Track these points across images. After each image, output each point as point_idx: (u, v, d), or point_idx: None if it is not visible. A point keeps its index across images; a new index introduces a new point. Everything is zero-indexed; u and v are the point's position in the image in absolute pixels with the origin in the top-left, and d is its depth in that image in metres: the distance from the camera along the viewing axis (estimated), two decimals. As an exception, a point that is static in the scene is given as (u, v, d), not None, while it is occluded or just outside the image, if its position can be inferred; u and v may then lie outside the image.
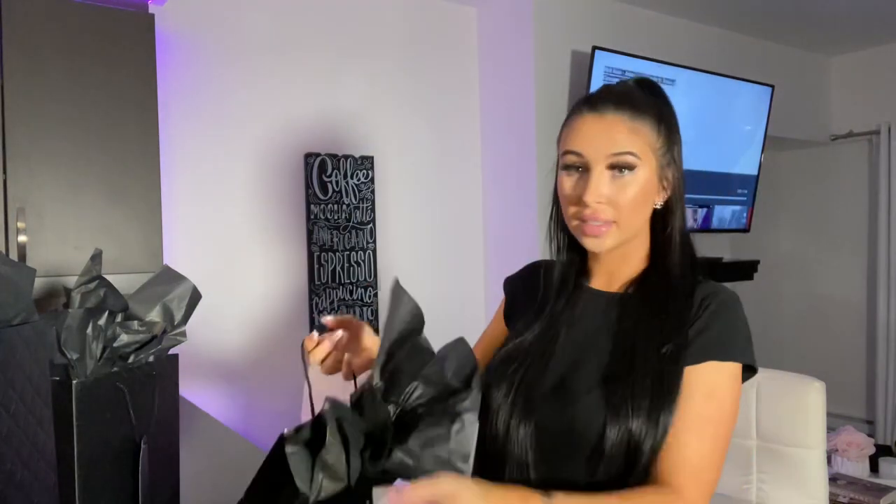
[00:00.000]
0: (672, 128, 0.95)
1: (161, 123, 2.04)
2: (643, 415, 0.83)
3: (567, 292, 1.01)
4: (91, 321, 0.84)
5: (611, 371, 0.88)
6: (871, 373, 4.20)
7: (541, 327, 0.99)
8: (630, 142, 0.90)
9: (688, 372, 0.87)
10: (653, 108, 0.94)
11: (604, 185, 0.90)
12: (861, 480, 2.70)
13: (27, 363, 0.68)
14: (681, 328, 0.89)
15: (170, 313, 0.95)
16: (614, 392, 0.85)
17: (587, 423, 0.85)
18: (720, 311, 0.90)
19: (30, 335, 0.69)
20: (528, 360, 0.95)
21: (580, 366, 0.92)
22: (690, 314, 0.90)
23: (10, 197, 1.78)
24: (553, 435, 0.89)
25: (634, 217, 0.92)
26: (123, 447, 0.87)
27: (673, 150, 0.95)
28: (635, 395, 0.84)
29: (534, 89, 2.95)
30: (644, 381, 0.85)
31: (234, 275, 2.58)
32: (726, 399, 0.88)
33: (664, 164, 0.94)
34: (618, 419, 0.84)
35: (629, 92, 0.96)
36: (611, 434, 0.83)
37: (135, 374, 0.89)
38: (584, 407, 0.87)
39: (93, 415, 0.82)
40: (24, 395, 0.68)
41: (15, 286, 0.69)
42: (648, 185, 0.92)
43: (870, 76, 4.19)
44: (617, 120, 0.91)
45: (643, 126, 0.91)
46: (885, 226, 4.04)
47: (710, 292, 0.93)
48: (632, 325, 0.92)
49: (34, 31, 1.81)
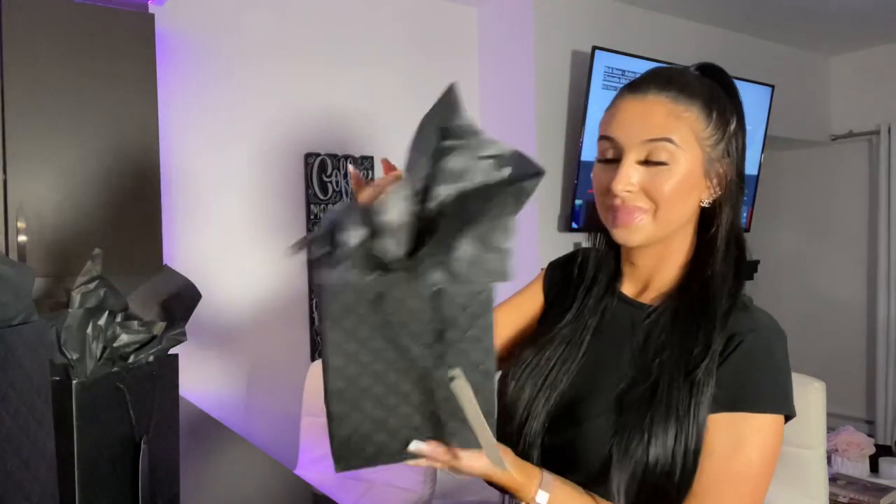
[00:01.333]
0: (727, 117, 0.84)
1: (161, 123, 2.04)
2: (658, 447, 0.75)
3: (596, 297, 0.91)
4: (91, 321, 0.85)
5: (627, 396, 0.80)
6: (871, 373, 4.20)
7: (569, 330, 0.90)
8: (669, 126, 0.79)
9: (713, 421, 0.77)
10: (704, 92, 0.83)
11: (635, 173, 0.80)
12: (861, 480, 2.70)
13: (27, 363, 0.68)
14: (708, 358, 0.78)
15: (170, 313, 0.95)
16: (627, 418, 0.77)
17: (590, 446, 0.79)
18: (757, 352, 0.79)
19: (30, 335, 0.69)
20: (552, 363, 0.88)
21: (597, 381, 0.85)
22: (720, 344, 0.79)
23: (10, 197, 1.78)
24: (559, 450, 0.83)
25: (673, 209, 0.81)
26: (123, 447, 0.87)
27: (729, 142, 0.83)
28: (652, 425, 0.76)
29: (534, 89, 2.95)
30: (661, 409, 0.76)
31: (234, 275, 2.58)
32: (755, 455, 0.76)
33: (714, 157, 0.82)
34: (627, 442, 0.76)
35: (679, 74, 0.85)
36: (617, 455, 0.76)
37: (135, 374, 0.89)
38: (592, 428, 0.80)
39: (93, 415, 0.82)
40: (24, 395, 0.68)
41: (15, 286, 0.69)
42: (691, 178, 0.81)
43: (870, 76, 4.19)
44: (657, 102, 0.80)
45: (688, 110, 0.80)
46: (885, 226, 4.04)
47: (748, 326, 0.80)
48: (658, 348, 0.82)
49: (34, 31, 1.81)
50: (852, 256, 4.33)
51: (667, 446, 0.75)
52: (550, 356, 0.89)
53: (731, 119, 0.84)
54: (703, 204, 0.84)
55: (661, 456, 0.75)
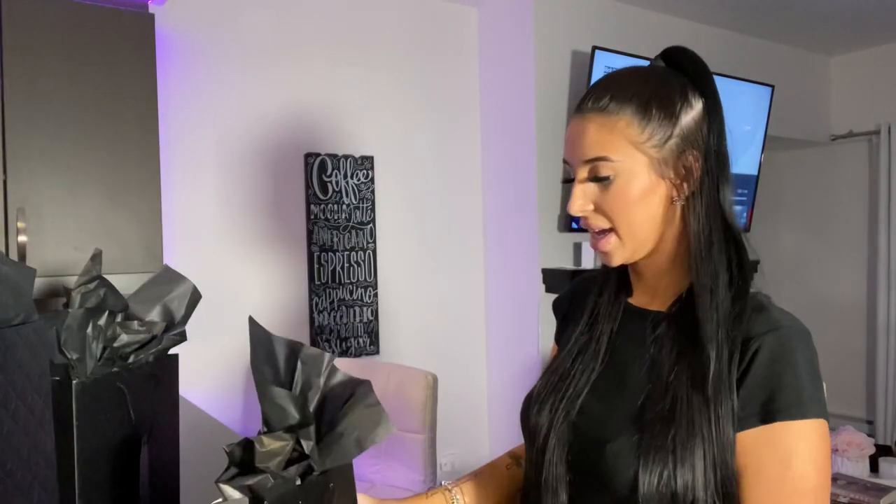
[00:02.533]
0: (675, 109, 0.78)
1: (161, 123, 2.04)
2: (687, 472, 0.71)
3: (607, 308, 0.89)
4: (91, 321, 0.84)
5: (647, 413, 0.76)
6: (871, 373, 4.20)
7: (580, 346, 0.88)
8: (599, 144, 0.78)
9: (751, 438, 0.72)
10: (640, 91, 0.78)
11: (583, 196, 0.80)
12: (861, 480, 2.70)
13: (27, 363, 0.68)
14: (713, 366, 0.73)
15: (170, 313, 0.95)
16: (650, 438, 0.73)
17: (615, 470, 0.75)
18: (781, 354, 0.73)
19: (30, 335, 0.69)
20: (568, 382, 0.85)
21: (615, 398, 0.82)
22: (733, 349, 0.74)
23: (10, 197, 1.78)
24: (583, 474, 0.80)
25: (635, 222, 0.78)
26: (123, 447, 0.87)
27: (687, 132, 0.78)
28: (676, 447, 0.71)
29: (534, 89, 2.95)
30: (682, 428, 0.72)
31: (235, 275, 2.58)
32: (808, 466, 0.70)
33: (666, 155, 0.78)
34: (652, 465, 0.72)
35: (620, 76, 0.82)
36: (643, 479, 0.72)
37: (135, 374, 0.89)
38: (616, 450, 0.76)
39: (93, 415, 0.82)
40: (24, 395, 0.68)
41: (15, 286, 0.69)
42: (642, 185, 0.77)
43: (870, 76, 4.19)
44: (590, 119, 0.79)
45: (621, 118, 0.77)
46: (885, 226, 4.04)
47: (766, 327, 0.74)
48: (672, 359, 0.78)
49: (34, 31, 1.81)
50: (852, 256, 4.33)
51: (696, 469, 0.70)
52: (568, 369, 0.87)
53: (681, 112, 0.78)
54: (677, 202, 0.79)
55: (691, 481, 0.70)
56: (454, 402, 2.99)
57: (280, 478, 0.62)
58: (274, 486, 0.62)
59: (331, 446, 0.66)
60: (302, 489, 0.64)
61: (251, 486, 0.61)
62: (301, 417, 0.66)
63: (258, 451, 0.62)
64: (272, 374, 0.67)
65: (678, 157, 0.78)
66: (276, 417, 0.65)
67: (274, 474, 0.62)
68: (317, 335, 2.74)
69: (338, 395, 0.68)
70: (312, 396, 0.67)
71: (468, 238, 3.22)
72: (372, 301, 2.88)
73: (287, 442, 0.63)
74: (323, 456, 0.65)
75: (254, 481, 0.61)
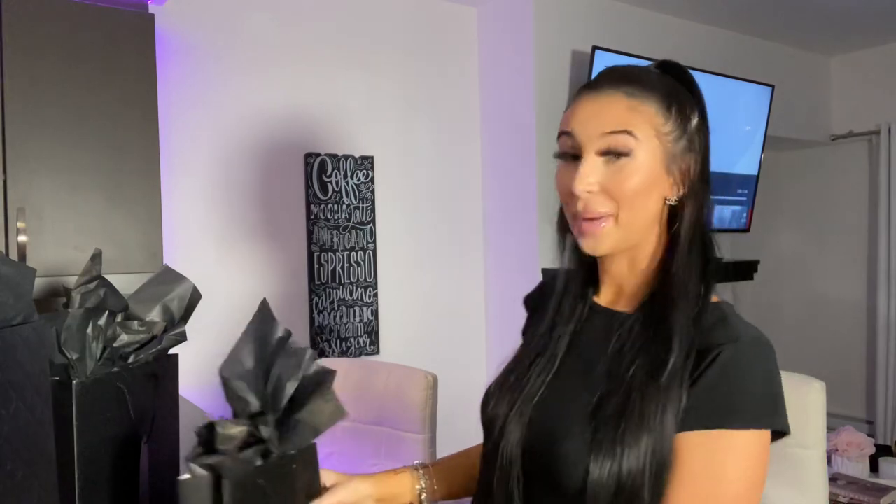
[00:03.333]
0: (687, 113, 0.81)
1: (161, 123, 2.04)
2: (630, 460, 0.72)
3: (569, 305, 0.89)
4: (91, 321, 0.85)
5: (601, 411, 0.76)
6: (871, 373, 4.20)
7: (542, 342, 0.89)
8: (626, 119, 0.77)
9: (688, 438, 0.73)
10: (662, 88, 0.80)
11: (595, 172, 0.78)
12: (861, 480, 2.70)
13: (27, 363, 0.68)
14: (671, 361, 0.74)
15: (170, 313, 0.95)
16: (604, 434, 0.74)
17: (568, 468, 0.75)
18: (736, 364, 0.73)
19: (30, 335, 0.69)
20: (525, 380, 0.86)
21: (572, 395, 0.82)
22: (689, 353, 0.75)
23: (10, 197, 1.78)
24: (538, 463, 0.80)
25: (636, 210, 0.78)
26: (123, 447, 0.87)
27: (692, 138, 0.81)
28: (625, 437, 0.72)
29: (534, 89, 2.95)
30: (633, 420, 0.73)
31: (235, 275, 2.58)
32: (735, 476, 0.71)
33: (676, 152, 0.79)
34: (602, 459, 0.72)
35: (635, 69, 0.84)
36: (594, 473, 0.72)
37: (135, 374, 0.89)
38: (569, 450, 0.76)
39: (93, 415, 0.82)
40: (24, 395, 0.68)
41: (15, 286, 0.69)
42: (653, 174, 0.78)
43: (870, 76, 4.19)
44: (614, 97, 0.79)
45: (645, 104, 0.78)
46: (885, 226, 4.04)
47: (726, 338, 0.75)
48: (631, 357, 0.79)
49: (34, 31, 1.81)
50: (852, 256, 4.33)
51: (640, 458, 0.71)
52: (527, 367, 0.88)
53: (691, 115, 0.81)
54: (669, 202, 0.81)
55: (634, 468, 0.71)
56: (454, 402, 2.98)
57: (238, 459, 0.68)
58: (233, 466, 0.68)
59: (290, 432, 0.72)
60: (262, 469, 0.71)
61: (212, 464, 0.67)
62: (261, 405, 0.72)
63: (218, 434, 0.68)
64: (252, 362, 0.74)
65: (682, 157, 0.80)
66: (239, 408, 0.71)
67: (232, 456, 0.68)
68: (317, 335, 2.74)
69: (306, 386, 0.75)
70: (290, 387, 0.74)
71: (468, 238, 3.22)
72: (372, 301, 2.88)
73: (244, 427, 0.69)
74: (282, 441, 0.72)
75: (214, 461, 0.67)
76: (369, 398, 1.78)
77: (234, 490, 0.67)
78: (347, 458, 1.82)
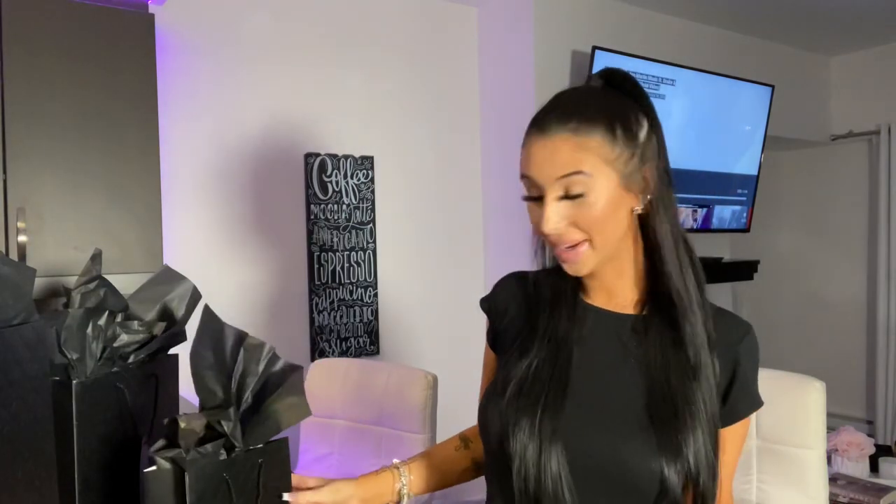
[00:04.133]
0: (633, 126, 0.83)
1: (161, 123, 2.04)
2: (695, 457, 0.80)
3: (567, 309, 0.91)
4: (91, 321, 0.85)
5: (656, 411, 0.82)
6: (871, 373, 4.20)
7: (549, 349, 0.88)
8: (575, 161, 0.80)
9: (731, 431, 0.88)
10: (605, 113, 0.82)
11: (559, 213, 0.82)
12: (861, 480, 2.70)
13: (27, 363, 0.68)
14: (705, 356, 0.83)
15: (170, 313, 0.95)
16: (667, 435, 0.80)
17: (641, 466, 0.80)
18: (751, 360, 0.88)
19: (30, 335, 0.69)
20: (546, 387, 0.85)
21: (611, 398, 0.84)
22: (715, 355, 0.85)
23: (10, 197, 1.78)
24: (598, 476, 0.82)
25: (607, 232, 0.83)
26: (123, 447, 0.87)
27: (643, 148, 0.83)
28: (687, 439, 0.80)
29: (534, 89, 2.95)
30: (690, 422, 0.81)
31: (234, 275, 2.58)
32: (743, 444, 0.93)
33: (630, 170, 0.82)
34: (675, 462, 0.79)
35: (577, 99, 0.85)
36: (671, 476, 0.79)
37: (135, 374, 0.89)
38: (637, 447, 0.80)
39: (93, 415, 0.82)
40: (24, 395, 0.68)
41: (15, 286, 0.69)
42: (613, 198, 0.82)
43: (870, 76, 4.19)
44: (561, 139, 0.81)
45: (592, 138, 0.81)
46: (885, 226, 4.04)
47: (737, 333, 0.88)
48: (659, 357, 0.85)
49: (34, 31, 1.81)
50: (852, 256, 4.33)
51: (701, 457, 0.80)
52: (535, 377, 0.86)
53: (637, 128, 0.84)
54: (637, 211, 0.85)
55: (703, 466, 0.80)
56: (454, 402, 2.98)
57: (198, 452, 0.72)
58: (193, 460, 0.71)
59: (255, 427, 0.75)
60: (227, 463, 0.73)
61: (172, 457, 0.71)
62: (224, 400, 0.75)
63: (179, 429, 0.71)
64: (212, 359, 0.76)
65: (639, 170, 0.84)
66: (205, 398, 0.75)
67: (192, 449, 0.71)
68: (317, 335, 2.74)
69: (273, 382, 0.77)
70: (251, 382, 0.76)
71: (468, 238, 3.22)
72: (372, 301, 2.88)
73: (203, 422, 0.72)
74: (247, 435, 0.74)
75: (174, 454, 0.71)
76: (369, 398, 1.78)
77: (196, 482, 0.70)
78: (347, 458, 1.82)
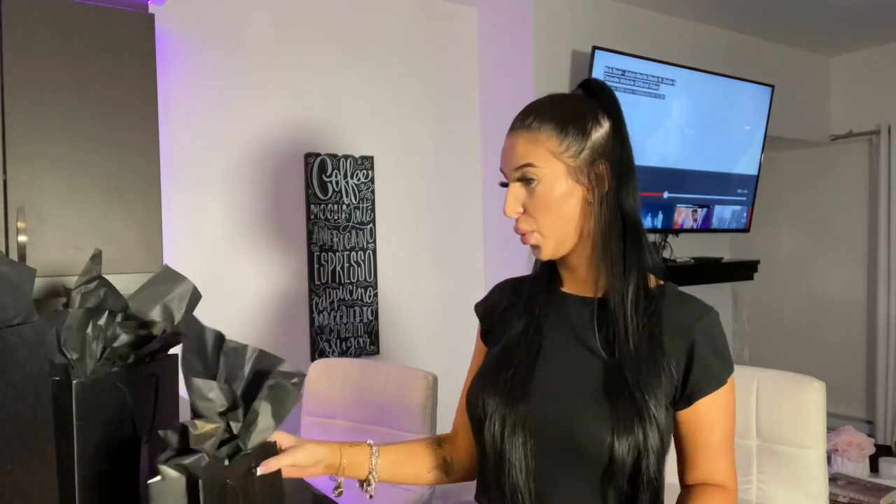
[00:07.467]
0: (588, 127, 0.93)
1: (161, 123, 2.04)
2: (647, 426, 0.86)
3: (542, 294, 1.01)
4: (91, 321, 0.84)
5: (611, 384, 0.90)
6: (871, 373, 4.20)
7: (522, 326, 1.00)
8: (526, 153, 0.93)
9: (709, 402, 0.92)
10: (560, 113, 0.94)
11: (516, 199, 0.95)
12: (861, 480, 2.70)
13: (27, 363, 0.68)
14: (652, 333, 0.91)
15: (170, 313, 0.95)
16: (619, 407, 0.87)
17: (593, 436, 0.87)
18: (715, 334, 0.94)
19: (30, 335, 0.69)
20: (516, 360, 0.96)
21: (574, 374, 0.93)
22: (669, 326, 0.92)
23: (10, 197, 1.78)
24: (554, 443, 0.90)
25: (554, 221, 0.94)
26: (123, 447, 0.87)
27: (597, 146, 0.93)
28: (639, 409, 0.87)
29: (534, 89, 2.95)
30: (641, 393, 0.88)
31: (235, 275, 2.58)
32: (733, 407, 0.97)
33: (580, 165, 0.92)
34: (626, 434, 0.86)
35: (542, 102, 0.98)
36: (620, 448, 0.86)
37: (135, 374, 0.89)
38: (590, 420, 0.88)
39: (93, 415, 0.82)
40: (24, 395, 0.68)
41: (15, 286, 0.69)
42: (559, 188, 0.93)
43: (870, 76, 4.19)
44: (518, 135, 0.95)
45: (541, 134, 0.93)
46: (885, 226, 4.04)
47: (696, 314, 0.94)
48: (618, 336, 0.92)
49: (34, 31, 1.81)
50: (852, 256, 4.33)
51: (654, 431, 0.86)
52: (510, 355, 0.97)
53: (593, 127, 0.94)
54: (592, 204, 0.94)
55: (653, 440, 0.86)
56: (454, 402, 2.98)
57: (213, 457, 0.70)
58: (207, 466, 0.69)
59: (251, 424, 0.74)
60: (229, 469, 0.72)
61: (187, 465, 0.68)
62: (230, 402, 0.73)
63: (192, 434, 0.69)
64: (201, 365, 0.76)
65: (590, 165, 0.93)
66: (203, 407, 0.73)
67: (208, 454, 0.69)
68: (317, 335, 2.74)
69: (259, 380, 0.77)
70: (238, 385, 0.76)
71: (468, 238, 3.22)
72: (372, 301, 2.88)
73: (219, 424, 0.70)
74: (248, 434, 0.74)
75: (189, 461, 0.68)
76: (369, 398, 1.78)
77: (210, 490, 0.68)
78: (347, 458, 1.82)
